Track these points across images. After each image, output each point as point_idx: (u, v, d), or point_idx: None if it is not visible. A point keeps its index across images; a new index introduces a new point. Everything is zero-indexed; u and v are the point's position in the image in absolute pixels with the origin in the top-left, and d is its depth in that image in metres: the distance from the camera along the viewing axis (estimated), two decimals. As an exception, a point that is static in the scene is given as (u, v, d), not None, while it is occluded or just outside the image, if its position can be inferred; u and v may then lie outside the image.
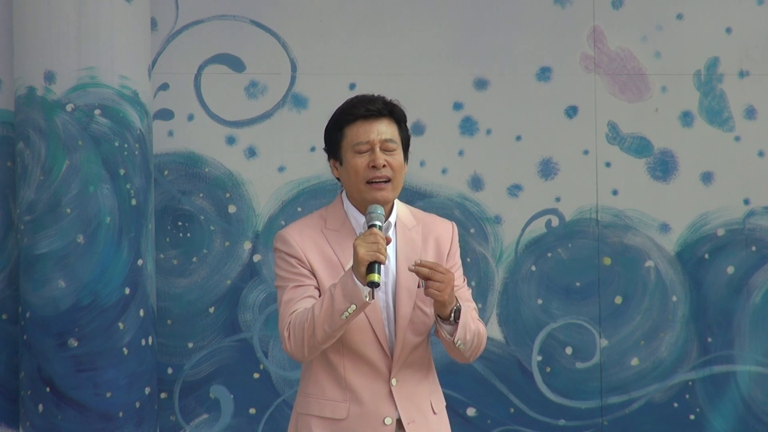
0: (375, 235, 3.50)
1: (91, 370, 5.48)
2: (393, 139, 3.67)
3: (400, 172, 3.67)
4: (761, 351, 6.10)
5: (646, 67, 6.09)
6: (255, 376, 5.94)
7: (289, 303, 3.61)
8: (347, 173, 3.67)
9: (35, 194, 5.50)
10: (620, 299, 6.08)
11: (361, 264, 3.47)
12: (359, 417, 3.62)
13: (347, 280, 3.50)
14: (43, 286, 5.48)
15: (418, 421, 3.66)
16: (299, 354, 3.57)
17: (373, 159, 3.63)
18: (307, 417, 3.67)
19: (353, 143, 3.65)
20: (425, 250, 3.71)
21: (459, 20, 6.01)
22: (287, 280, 3.65)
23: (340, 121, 3.69)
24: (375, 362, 3.64)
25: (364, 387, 3.63)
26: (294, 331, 3.56)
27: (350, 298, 3.49)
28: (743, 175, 6.10)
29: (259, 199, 5.96)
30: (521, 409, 6.03)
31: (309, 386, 3.69)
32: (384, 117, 3.68)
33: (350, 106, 3.69)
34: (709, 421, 6.08)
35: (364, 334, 3.63)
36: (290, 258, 3.65)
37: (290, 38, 5.97)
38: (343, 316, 3.50)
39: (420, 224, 3.75)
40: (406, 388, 3.66)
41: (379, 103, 3.69)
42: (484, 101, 6.03)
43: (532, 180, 6.05)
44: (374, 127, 3.66)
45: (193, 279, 5.93)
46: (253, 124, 5.96)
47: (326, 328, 3.51)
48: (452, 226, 3.80)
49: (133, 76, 5.57)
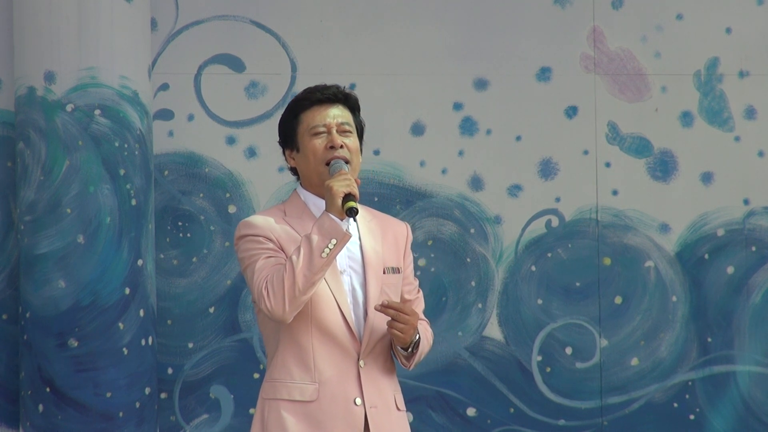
0: (345, 173, 3.58)
1: (92, 370, 5.48)
2: (348, 122, 3.72)
3: (356, 155, 3.71)
4: (761, 351, 6.10)
5: (646, 67, 6.09)
6: (255, 376, 5.94)
7: (263, 269, 3.59)
8: (305, 158, 3.70)
9: (35, 194, 5.50)
10: (620, 299, 6.08)
11: (336, 197, 3.52)
12: (329, 398, 3.61)
13: (323, 219, 3.53)
14: (44, 286, 5.48)
15: (380, 408, 3.65)
16: (279, 309, 3.54)
17: (330, 140, 3.67)
18: (275, 402, 3.64)
19: (310, 127, 3.69)
20: (385, 241, 3.74)
21: (459, 20, 6.01)
22: (256, 255, 3.63)
23: (295, 109, 3.74)
24: (343, 342, 3.63)
25: (333, 367, 3.62)
26: (272, 286, 3.54)
27: (329, 234, 3.51)
28: (743, 175, 6.10)
29: (259, 199, 5.96)
30: (521, 409, 6.03)
31: (275, 372, 3.66)
32: (338, 102, 3.73)
33: (306, 93, 3.75)
34: (708, 421, 6.08)
35: (333, 314, 3.63)
36: (257, 237, 3.64)
37: (290, 38, 5.97)
38: (324, 253, 3.51)
39: (376, 218, 3.79)
40: (373, 373, 3.66)
41: (333, 89, 3.74)
42: (484, 101, 6.03)
43: (532, 180, 6.05)
44: (330, 111, 3.71)
45: (193, 279, 5.93)
46: (253, 124, 5.96)
47: (306, 273, 3.51)
48: (407, 227, 3.85)
49: (133, 76, 5.57)
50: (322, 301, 3.62)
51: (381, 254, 3.71)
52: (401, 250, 3.78)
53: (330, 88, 3.74)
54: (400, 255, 3.77)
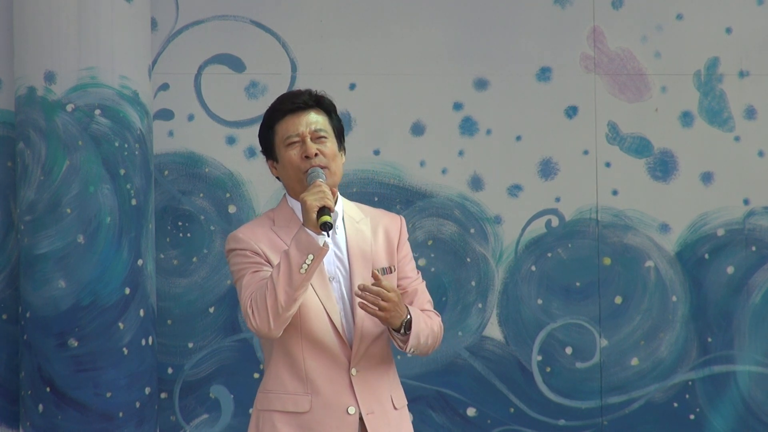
0: (319, 185, 3.58)
1: (92, 370, 5.48)
2: (323, 128, 3.71)
3: (334, 160, 3.71)
4: (761, 351, 6.10)
5: (646, 67, 6.09)
6: (255, 376, 5.94)
7: (249, 285, 3.62)
8: (284, 169, 3.71)
9: (35, 194, 5.50)
10: (620, 299, 6.08)
11: (310, 211, 3.52)
12: (322, 408, 3.62)
13: (299, 235, 3.54)
14: (43, 286, 5.48)
15: (377, 413, 3.66)
16: (265, 327, 3.56)
17: (304, 149, 3.68)
18: (268, 413, 3.67)
19: (284, 138, 3.70)
20: (375, 241, 3.74)
21: (459, 20, 6.01)
22: (244, 269, 3.66)
23: (269, 120, 3.75)
24: (334, 351, 3.64)
25: (325, 377, 3.63)
26: (256, 305, 3.56)
27: (306, 249, 3.51)
28: (743, 175, 6.11)
29: (259, 199, 5.96)
30: (521, 409, 6.03)
31: (269, 383, 3.69)
32: (311, 108, 3.73)
33: (277, 103, 3.75)
34: (709, 421, 6.08)
35: (322, 323, 3.63)
36: (244, 251, 3.67)
37: (290, 38, 5.98)
38: (302, 269, 3.51)
39: (368, 217, 3.79)
40: (366, 379, 3.66)
41: (305, 96, 3.74)
42: (484, 101, 6.03)
43: (532, 180, 6.05)
44: (302, 119, 3.70)
45: (193, 279, 5.93)
46: (253, 124, 5.96)
47: (287, 289, 3.51)
48: (400, 219, 3.84)
49: (133, 76, 5.57)
50: (311, 311, 3.63)
51: (370, 256, 3.71)
52: (394, 246, 3.78)
53: (301, 96, 3.73)
54: (393, 251, 3.77)
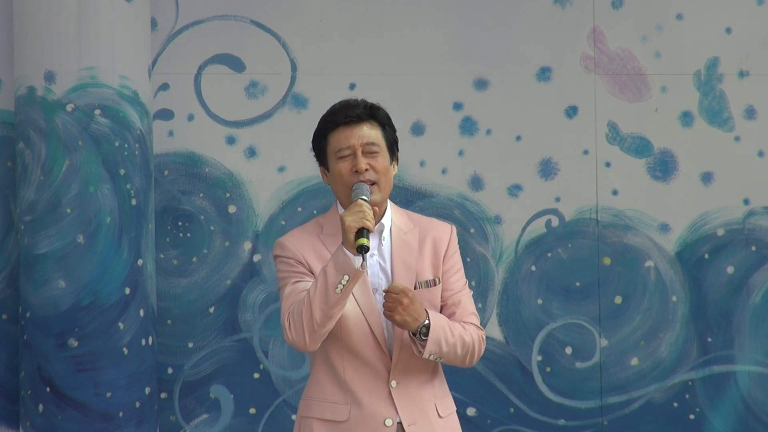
0: (360, 205, 3.55)
1: (91, 370, 5.48)
2: (375, 142, 3.69)
3: (385, 175, 3.69)
4: (761, 351, 6.10)
5: (646, 67, 6.09)
6: (255, 376, 5.94)
7: (290, 296, 3.64)
8: (334, 180, 3.71)
9: (35, 194, 5.50)
10: (620, 299, 6.08)
11: (349, 232, 3.51)
12: (359, 419, 3.63)
13: (338, 254, 3.54)
14: (43, 286, 5.48)
15: (420, 424, 3.67)
16: (300, 341, 3.58)
17: (354, 164, 3.66)
18: (309, 420, 3.69)
19: (335, 150, 3.69)
20: (421, 253, 3.73)
21: (459, 20, 6.01)
22: (287, 278, 3.68)
23: (323, 129, 3.73)
24: (374, 363, 3.65)
25: (364, 388, 3.64)
26: (293, 319, 3.58)
27: (342, 270, 3.51)
28: (743, 175, 6.11)
29: (259, 199, 5.96)
30: (521, 409, 6.03)
31: (311, 389, 3.71)
32: (364, 121, 3.70)
33: (331, 113, 3.73)
34: (708, 421, 6.08)
35: (363, 334, 3.64)
36: (288, 260, 3.69)
37: (290, 38, 5.98)
38: (337, 289, 3.52)
39: (417, 227, 3.77)
40: (406, 390, 3.67)
41: (359, 108, 3.71)
42: (484, 101, 6.03)
43: (532, 180, 6.05)
44: (355, 132, 3.68)
45: (193, 279, 5.93)
46: (253, 124, 5.96)
47: (323, 307, 3.52)
48: (451, 229, 3.82)
49: (133, 76, 5.57)
50: (353, 322, 3.64)
51: (414, 268, 3.70)
52: (440, 255, 3.76)
53: (356, 108, 3.71)
54: (439, 263, 3.75)
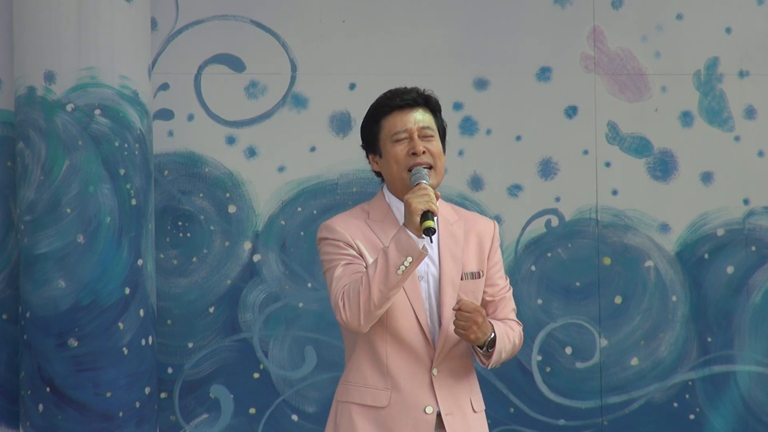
0: (424, 188, 3.55)
1: (91, 370, 5.48)
2: (430, 126, 3.71)
3: (440, 159, 3.71)
4: (761, 351, 6.10)
5: (646, 67, 6.09)
6: (255, 376, 5.94)
7: (341, 278, 3.62)
8: (388, 164, 3.71)
9: (35, 194, 5.50)
10: (620, 299, 6.08)
11: (414, 214, 3.50)
12: (400, 405, 3.63)
13: (400, 235, 3.53)
14: (43, 286, 5.48)
15: (455, 415, 3.67)
16: (355, 321, 3.57)
17: (412, 146, 3.67)
18: (347, 405, 3.68)
19: (391, 133, 3.69)
20: (467, 245, 3.74)
21: (459, 20, 6.01)
22: (336, 260, 3.66)
23: (376, 114, 3.74)
24: (417, 350, 3.65)
25: (406, 375, 3.64)
26: (349, 298, 3.56)
27: (406, 251, 3.51)
28: (743, 175, 6.11)
29: (259, 199, 5.96)
30: (521, 409, 6.03)
31: (350, 375, 3.70)
32: (419, 106, 3.72)
33: (385, 98, 3.74)
34: (708, 420, 6.08)
35: (409, 321, 3.64)
36: (337, 242, 3.67)
37: (290, 38, 5.98)
38: (399, 270, 3.51)
39: (462, 219, 3.78)
40: (446, 380, 3.68)
41: (413, 93, 3.73)
42: (484, 101, 6.03)
43: (532, 180, 6.05)
44: (410, 116, 3.70)
45: (193, 279, 5.93)
46: (253, 124, 5.96)
47: (382, 288, 3.52)
48: (494, 225, 3.83)
49: (133, 76, 5.57)
50: (398, 308, 3.64)
51: (460, 259, 3.71)
52: (485, 251, 3.77)
53: (410, 92, 3.73)
54: (484, 257, 3.76)
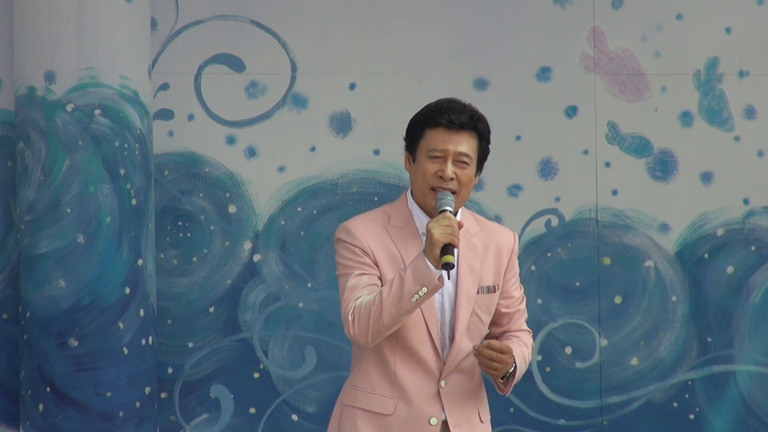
0: (448, 219, 3.55)
1: (92, 369, 5.48)
2: (468, 153, 3.70)
3: (467, 187, 3.70)
4: (761, 351, 6.10)
5: (646, 67, 6.09)
6: (255, 376, 5.94)
7: (354, 289, 3.62)
8: (416, 174, 3.71)
9: (35, 194, 5.50)
10: (620, 299, 6.08)
11: (435, 246, 3.50)
12: (406, 414, 3.64)
13: (419, 263, 3.52)
14: (43, 285, 5.48)
15: (463, 426, 3.70)
16: (362, 338, 3.58)
17: (442, 169, 3.67)
18: (352, 409, 3.69)
19: (429, 148, 3.69)
20: (486, 257, 3.74)
21: (459, 20, 6.01)
22: (351, 267, 3.67)
23: (424, 123, 3.73)
24: (427, 362, 3.66)
25: (414, 385, 3.65)
26: (359, 315, 3.57)
27: (422, 281, 3.51)
28: (743, 175, 6.11)
29: (259, 199, 5.96)
30: (521, 409, 6.03)
31: (357, 379, 3.71)
32: (466, 130, 3.71)
33: (438, 110, 3.72)
34: (708, 420, 6.08)
35: (420, 332, 3.65)
36: (354, 248, 3.67)
37: (290, 38, 5.98)
38: (413, 299, 3.51)
39: (483, 231, 3.78)
40: (454, 391, 3.69)
41: (465, 116, 3.71)
42: (484, 101, 6.02)
43: (532, 180, 6.05)
44: (453, 138, 3.69)
45: (193, 279, 5.93)
46: (253, 124, 5.96)
47: (393, 312, 3.52)
48: (514, 237, 3.84)
49: (133, 76, 5.58)
50: (411, 320, 3.64)
51: (478, 272, 3.72)
52: (503, 264, 3.78)
53: (464, 114, 3.71)
54: (501, 270, 3.77)
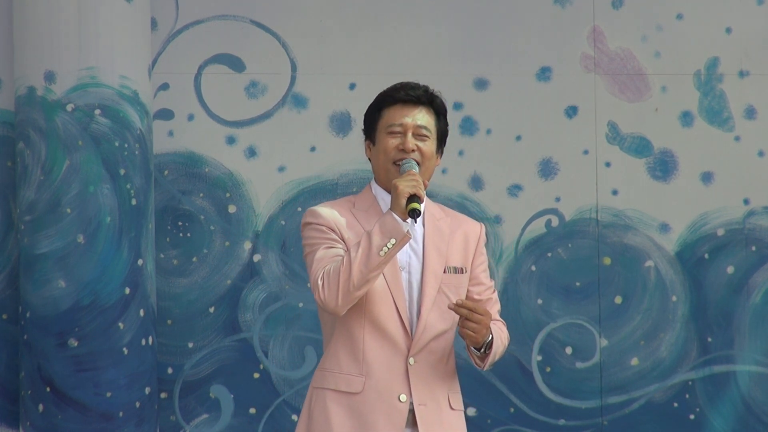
0: (413, 174, 3.59)
1: (91, 370, 5.48)
2: (427, 126, 3.72)
3: (429, 160, 3.72)
4: (761, 351, 6.10)
5: (646, 67, 6.09)
6: (255, 376, 5.94)
7: (323, 259, 3.63)
8: (377, 153, 3.73)
9: (35, 194, 5.50)
10: (620, 299, 6.08)
11: (401, 196, 3.53)
12: (374, 391, 3.63)
13: (385, 218, 3.55)
14: (43, 286, 5.48)
15: (429, 407, 3.68)
16: (332, 301, 3.58)
17: (403, 142, 3.69)
18: (322, 391, 3.69)
19: (387, 125, 3.71)
20: (452, 240, 3.75)
21: (459, 20, 6.01)
22: (318, 243, 3.67)
23: (379, 103, 3.76)
24: (395, 338, 3.66)
25: (382, 362, 3.65)
26: (328, 278, 3.57)
27: (389, 233, 3.53)
28: (743, 175, 6.11)
29: (259, 199, 5.96)
30: (521, 409, 6.03)
31: (326, 361, 3.71)
32: (423, 105, 3.74)
33: (392, 89, 3.76)
34: (709, 420, 6.08)
35: (387, 309, 3.65)
36: (320, 226, 3.68)
37: (290, 38, 5.98)
38: (382, 252, 3.53)
39: (449, 217, 3.80)
40: (423, 371, 3.68)
41: (420, 91, 3.74)
42: (484, 101, 6.03)
43: (532, 180, 6.05)
44: (411, 112, 3.71)
45: (193, 279, 5.93)
46: (253, 124, 5.96)
47: (362, 269, 3.53)
48: (481, 227, 3.85)
49: (133, 76, 5.58)
50: (378, 296, 3.65)
51: (444, 253, 3.72)
52: (471, 250, 3.79)
53: (418, 89, 3.74)
54: (469, 255, 3.78)
